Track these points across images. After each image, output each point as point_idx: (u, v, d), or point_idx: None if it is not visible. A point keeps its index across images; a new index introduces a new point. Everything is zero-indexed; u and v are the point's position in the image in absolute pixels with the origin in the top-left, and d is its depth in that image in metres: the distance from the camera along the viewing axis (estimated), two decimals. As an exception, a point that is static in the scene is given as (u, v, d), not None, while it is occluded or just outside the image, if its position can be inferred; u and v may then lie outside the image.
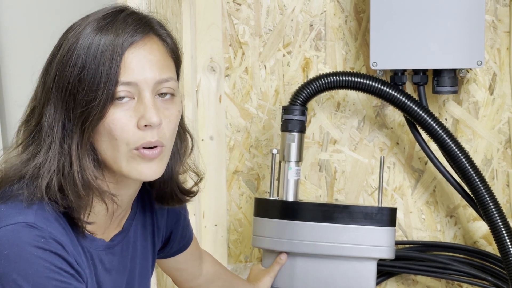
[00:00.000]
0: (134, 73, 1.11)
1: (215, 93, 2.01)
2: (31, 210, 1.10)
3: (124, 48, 1.10)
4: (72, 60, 1.10)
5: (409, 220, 2.01)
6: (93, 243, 1.19)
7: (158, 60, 1.14)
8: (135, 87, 1.11)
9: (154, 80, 1.12)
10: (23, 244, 1.07)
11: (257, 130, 2.02)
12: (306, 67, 1.99)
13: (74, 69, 1.10)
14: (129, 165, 1.13)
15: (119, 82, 1.10)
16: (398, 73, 1.86)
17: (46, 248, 1.07)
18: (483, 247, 1.99)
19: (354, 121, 2.00)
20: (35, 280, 1.05)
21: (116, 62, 1.10)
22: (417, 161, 2.00)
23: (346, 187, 2.02)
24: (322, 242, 1.71)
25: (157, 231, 1.36)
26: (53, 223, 1.11)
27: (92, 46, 1.10)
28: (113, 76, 1.09)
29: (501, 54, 1.94)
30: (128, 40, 1.11)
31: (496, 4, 1.92)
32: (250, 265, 2.04)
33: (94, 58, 1.10)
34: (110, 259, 1.22)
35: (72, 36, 1.13)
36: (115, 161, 1.13)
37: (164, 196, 1.29)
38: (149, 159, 1.13)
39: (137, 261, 1.30)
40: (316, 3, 1.97)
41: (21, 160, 1.14)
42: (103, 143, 1.12)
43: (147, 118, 1.11)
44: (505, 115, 1.96)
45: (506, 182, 1.98)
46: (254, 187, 2.05)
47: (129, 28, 1.12)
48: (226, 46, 2.00)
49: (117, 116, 1.11)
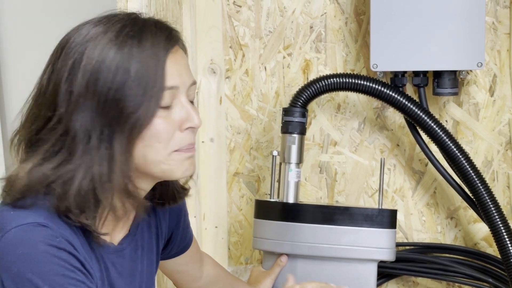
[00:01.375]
0: (175, 77, 1.14)
1: (215, 95, 2.01)
2: (41, 212, 1.10)
3: (164, 54, 1.13)
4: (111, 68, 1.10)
5: (410, 222, 2.01)
6: (103, 248, 1.19)
7: (188, 65, 1.19)
8: (176, 91, 1.15)
9: (189, 82, 1.17)
10: (36, 243, 1.07)
11: (258, 132, 2.02)
12: (307, 69, 1.99)
13: (115, 77, 1.10)
14: (171, 167, 1.16)
15: (165, 88, 1.13)
16: (399, 75, 1.86)
17: (60, 247, 1.08)
18: (483, 249, 1.99)
19: (355, 122, 2.00)
20: (51, 278, 1.06)
21: (160, 70, 1.12)
22: (418, 163, 2.00)
23: (346, 189, 2.02)
24: (323, 244, 1.71)
25: (160, 232, 1.37)
26: (62, 225, 1.11)
27: (132, 53, 1.11)
28: (159, 84, 1.12)
29: (502, 56, 1.94)
30: (166, 47, 1.14)
31: (496, 6, 1.92)
32: (250, 267, 2.04)
33: (137, 66, 1.10)
34: (121, 263, 1.23)
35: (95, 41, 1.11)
36: (155, 165, 1.15)
37: (166, 195, 1.31)
38: (188, 156, 1.17)
39: (145, 263, 1.31)
40: (316, 5, 1.97)
41: (48, 168, 1.12)
42: (145, 148, 1.13)
43: (193, 121, 1.16)
44: (506, 117, 1.96)
45: (506, 184, 1.98)
46: (254, 189, 2.05)
47: (162, 34, 1.15)
48: (226, 48, 2.00)
49: (161, 121, 1.13)
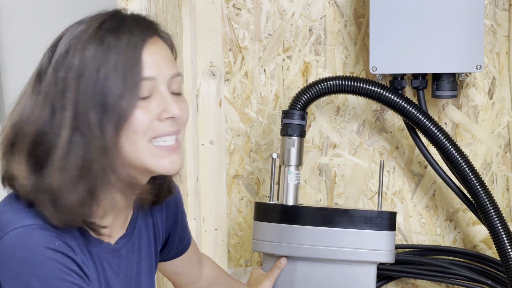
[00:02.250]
0: (152, 69, 1.14)
1: (215, 97, 2.01)
2: (39, 214, 1.11)
3: (141, 46, 1.13)
4: (92, 63, 1.11)
5: (409, 224, 2.01)
6: (100, 247, 1.20)
7: (169, 56, 1.18)
8: (154, 82, 1.14)
9: (170, 74, 1.16)
10: (34, 245, 1.08)
11: (257, 135, 2.03)
12: (306, 72, 2.00)
13: (97, 71, 1.11)
14: (151, 160, 1.14)
15: (142, 79, 1.12)
16: (398, 78, 1.86)
17: (57, 249, 1.09)
18: (482, 251, 1.99)
19: (354, 125, 2.00)
20: (48, 281, 1.07)
21: (136, 61, 1.12)
22: (417, 165, 2.00)
23: (346, 191, 2.02)
24: (322, 246, 1.71)
25: (158, 233, 1.37)
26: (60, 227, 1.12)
27: (110, 48, 1.12)
28: (136, 75, 1.12)
29: (501, 59, 1.94)
30: (143, 39, 1.14)
31: (495, 9, 1.93)
32: (250, 269, 2.04)
33: (115, 60, 1.11)
34: (117, 262, 1.23)
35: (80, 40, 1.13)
36: (135, 156, 1.14)
37: (162, 191, 1.30)
38: (169, 150, 1.15)
39: (143, 264, 1.31)
40: (315, 7, 1.97)
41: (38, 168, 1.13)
42: (127, 140, 1.13)
43: (171, 111, 1.14)
44: (505, 119, 1.96)
45: (505, 186, 1.98)
46: (254, 191, 2.05)
47: (139, 26, 1.15)
48: (226, 50, 2.01)
49: (139, 112, 1.12)
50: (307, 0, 1.97)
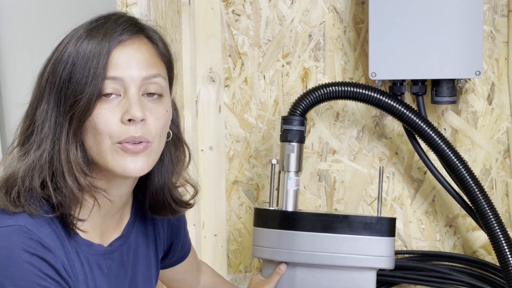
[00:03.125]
0: (121, 69, 1.13)
1: (214, 103, 2.01)
2: (22, 214, 1.11)
3: (111, 45, 1.13)
4: (64, 59, 1.14)
5: (409, 230, 2.01)
6: (90, 249, 1.19)
7: (145, 58, 1.16)
8: (121, 83, 1.13)
9: (140, 77, 1.14)
10: (12, 247, 1.08)
11: (257, 140, 2.03)
12: (305, 77, 2.00)
13: (66, 66, 1.13)
14: (113, 160, 1.14)
15: (105, 78, 1.12)
16: (397, 83, 1.87)
17: (33, 253, 1.09)
18: (482, 257, 1.99)
19: (353, 131, 2.00)
20: (20, 284, 1.07)
21: (103, 59, 1.12)
22: (416, 171, 2.00)
23: (345, 197, 2.02)
24: (322, 252, 1.71)
25: (159, 241, 1.36)
26: (44, 227, 1.12)
27: (83, 44, 1.13)
28: (100, 72, 1.12)
29: (500, 64, 1.94)
30: (116, 38, 1.14)
31: (494, 15, 1.93)
32: (249, 275, 2.04)
33: (83, 55, 1.13)
34: (108, 265, 1.22)
35: (67, 38, 1.16)
36: (100, 156, 1.14)
37: (157, 205, 1.28)
38: (133, 153, 1.14)
39: (138, 269, 1.30)
40: (315, 13, 1.98)
41: (17, 158, 1.16)
42: (89, 139, 1.14)
43: (131, 112, 1.12)
44: (504, 125, 1.96)
45: (505, 192, 1.98)
46: (253, 197, 2.05)
47: (119, 27, 1.15)
48: (225, 56, 2.01)
49: (102, 111, 1.13)
50: (307, 6, 1.97)
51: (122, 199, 1.23)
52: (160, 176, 1.23)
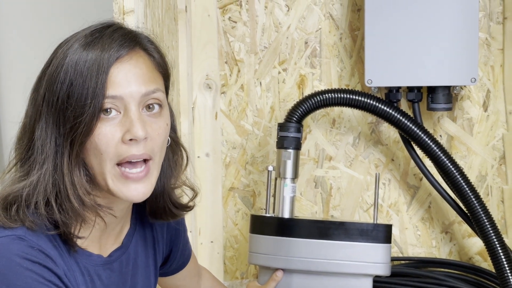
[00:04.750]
0: (120, 87, 1.12)
1: (211, 110, 2.02)
2: (21, 227, 1.11)
3: (110, 63, 1.12)
4: (61, 77, 1.12)
5: (405, 236, 2.02)
6: (90, 259, 1.19)
7: (144, 73, 1.15)
8: (121, 101, 1.12)
9: (139, 94, 1.13)
10: (12, 256, 1.07)
11: (253, 147, 2.03)
12: (302, 84, 2.00)
13: (63, 85, 1.11)
14: (115, 185, 1.13)
15: (105, 97, 1.11)
16: (393, 90, 1.87)
17: (34, 261, 1.08)
18: (478, 263, 1.99)
19: (350, 137, 2.01)
20: None
21: (102, 77, 1.11)
22: (412, 178, 2.00)
23: (341, 204, 2.02)
24: (318, 259, 1.71)
25: (158, 248, 1.36)
26: (42, 238, 1.11)
27: (80, 62, 1.11)
28: (99, 91, 1.10)
29: (495, 71, 1.95)
30: (114, 55, 1.12)
31: (489, 22, 1.94)
32: (246, 281, 2.04)
33: (81, 74, 1.11)
34: (108, 275, 1.22)
35: (61, 52, 1.14)
36: (102, 177, 1.14)
37: (157, 211, 1.28)
38: (134, 180, 1.13)
39: (138, 278, 1.29)
40: (311, 20, 1.98)
41: (17, 178, 1.15)
42: (91, 159, 1.13)
43: (133, 132, 1.11)
44: (499, 132, 1.97)
45: (500, 198, 1.98)
46: (250, 204, 2.05)
47: (115, 43, 1.13)
48: (222, 63, 2.01)
49: (103, 131, 1.11)
50: (303, 13, 1.98)
51: (124, 211, 1.23)
52: (159, 182, 1.23)
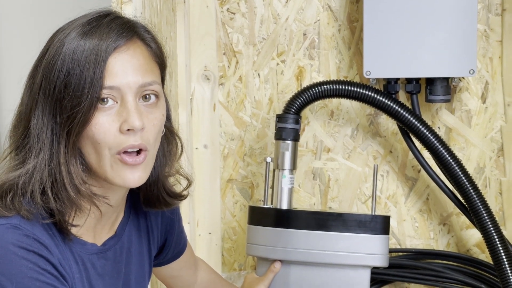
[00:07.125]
0: (117, 77, 1.12)
1: (209, 101, 2.01)
2: (16, 216, 1.11)
3: (107, 53, 1.12)
4: (58, 65, 1.12)
5: (403, 228, 2.02)
6: (84, 248, 1.19)
7: (141, 64, 1.15)
8: (118, 91, 1.12)
9: (137, 84, 1.13)
10: (6, 244, 1.08)
11: (251, 139, 2.03)
12: (300, 76, 2.00)
13: (60, 74, 1.11)
14: (113, 171, 1.14)
15: (103, 87, 1.11)
16: (391, 82, 1.87)
17: (29, 249, 1.08)
18: (476, 255, 2.00)
19: (348, 129, 2.01)
20: (18, 281, 1.06)
21: (100, 67, 1.11)
22: (410, 169, 2.00)
23: (339, 195, 2.02)
24: (316, 250, 1.71)
25: (152, 237, 1.36)
26: (37, 227, 1.12)
27: (77, 51, 1.11)
28: (97, 81, 1.11)
29: (493, 63, 1.95)
30: (111, 45, 1.12)
31: (488, 14, 1.94)
32: (244, 273, 2.04)
33: (78, 63, 1.11)
34: (102, 264, 1.22)
35: (58, 41, 1.14)
36: (99, 166, 1.14)
37: (151, 199, 1.28)
38: (132, 165, 1.14)
39: (132, 267, 1.29)
40: (309, 12, 1.98)
41: (12, 166, 1.15)
42: (88, 148, 1.13)
43: (130, 122, 1.12)
44: (498, 124, 1.97)
45: (498, 190, 1.99)
46: (248, 195, 2.05)
47: (113, 32, 1.13)
48: (220, 55, 2.01)
49: (100, 120, 1.12)
50: (301, 5, 1.98)
51: (119, 201, 1.23)
52: (153, 171, 1.23)
